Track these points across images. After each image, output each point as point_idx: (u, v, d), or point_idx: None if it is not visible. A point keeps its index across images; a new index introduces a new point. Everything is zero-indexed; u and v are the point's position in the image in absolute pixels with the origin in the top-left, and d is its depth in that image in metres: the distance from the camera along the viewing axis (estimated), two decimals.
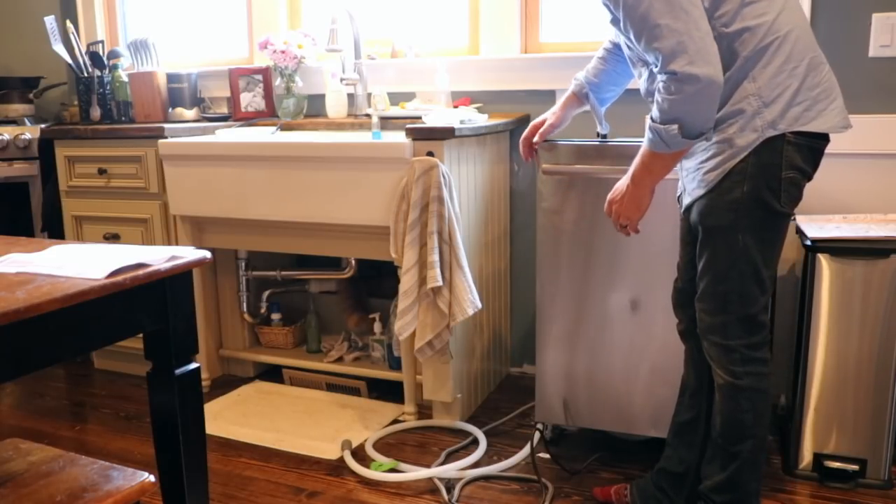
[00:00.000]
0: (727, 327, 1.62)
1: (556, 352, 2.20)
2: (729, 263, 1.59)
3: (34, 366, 1.18)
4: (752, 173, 1.53)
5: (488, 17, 2.76)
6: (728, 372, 1.64)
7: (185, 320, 1.35)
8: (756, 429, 1.65)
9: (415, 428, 2.46)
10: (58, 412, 2.70)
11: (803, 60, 1.54)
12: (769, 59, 1.52)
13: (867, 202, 2.34)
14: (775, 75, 1.52)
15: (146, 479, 1.31)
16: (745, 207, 1.55)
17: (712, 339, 1.65)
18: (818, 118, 1.54)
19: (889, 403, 1.99)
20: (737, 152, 1.53)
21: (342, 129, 2.82)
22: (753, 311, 1.61)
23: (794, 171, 1.55)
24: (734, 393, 1.64)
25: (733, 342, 1.62)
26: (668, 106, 1.48)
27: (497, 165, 2.66)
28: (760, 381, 1.63)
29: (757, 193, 1.54)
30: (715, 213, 1.58)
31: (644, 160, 1.62)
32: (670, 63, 1.45)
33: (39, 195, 3.16)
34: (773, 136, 1.52)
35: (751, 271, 1.59)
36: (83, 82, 3.14)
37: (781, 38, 1.52)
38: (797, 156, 1.54)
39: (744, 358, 1.62)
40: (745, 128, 1.53)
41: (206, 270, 2.86)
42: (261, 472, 2.21)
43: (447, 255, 2.26)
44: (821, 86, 1.56)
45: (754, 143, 1.52)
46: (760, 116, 1.52)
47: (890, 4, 2.26)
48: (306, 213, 2.45)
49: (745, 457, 1.66)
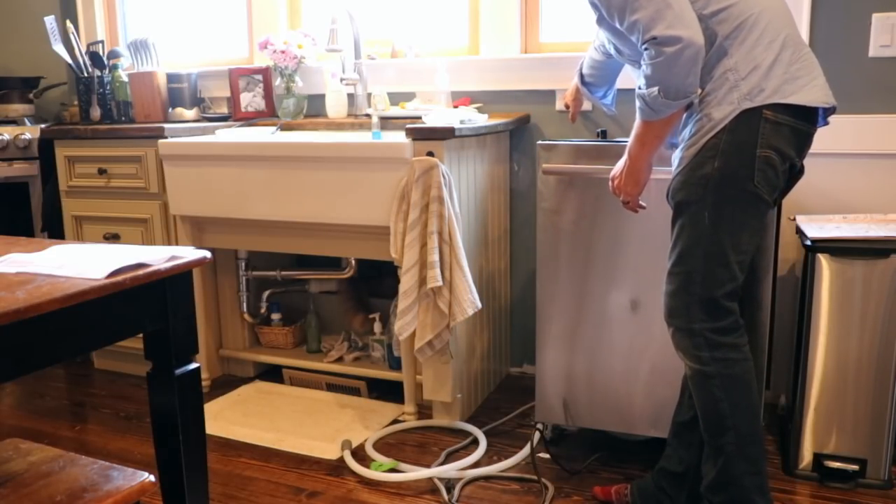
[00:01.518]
0: (689, 309, 1.59)
1: (556, 352, 2.20)
2: (694, 241, 1.57)
3: (34, 366, 1.17)
4: (725, 150, 1.53)
5: (488, 17, 2.76)
6: (694, 358, 1.61)
7: (185, 320, 1.35)
8: (736, 419, 1.61)
9: (415, 428, 2.46)
10: (58, 412, 2.70)
11: (779, 35, 1.55)
12: (745, 35, 1.54)
13: (867, 202, 2.34)
14: (751, 49, 1.54)
15: (146, 479, 1.31)
16: (715, 184, 1.54)
17: (676, 324, 1.63)
18: (798, 92, 1.54)
19: (889, 403, 1.99)
20: (713, 125, 1.54)
21: (342, 129, 2.82)
22: (717, 294, 1.58)
23: (770, 150, 1.53)
24: (703, 381, 1.61)
25: (696, 325, 1.59)
26: (650, 71, 1.52)
27: (497, 165, 2.65)
28: (730, 366, 1.60)
29: (729, 171, 1.53)
30: (685, 189, 1.58)
31: (636, 132, 1.65)
32: (651, 30, 1.49)
33: (39, 195, 3.16)
34: (750, 112, 1.52)
35: (717, 252, 1.56)
36: (83, 82, 3.14)
37: (756, 14, 1.55)
38: (775, 135, 1.53)
39: (709, 343, 1.59)
40: (722, 101, 1.54)
41: (206, 270, 2.86)
42: (261, 472, 2.21)
43: (447, 255, 2.25)
44: (800, 62, 1.56)
45: (730, 115, 1.52)
46: (737, 89, 1.53)
47: (890, 4, 2.26)
48: (306, 213, 2.45)
49: (729, 450, 1.62)
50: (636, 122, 1.65)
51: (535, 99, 2.71)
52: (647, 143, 1.66)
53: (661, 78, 1.51)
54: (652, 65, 1.51)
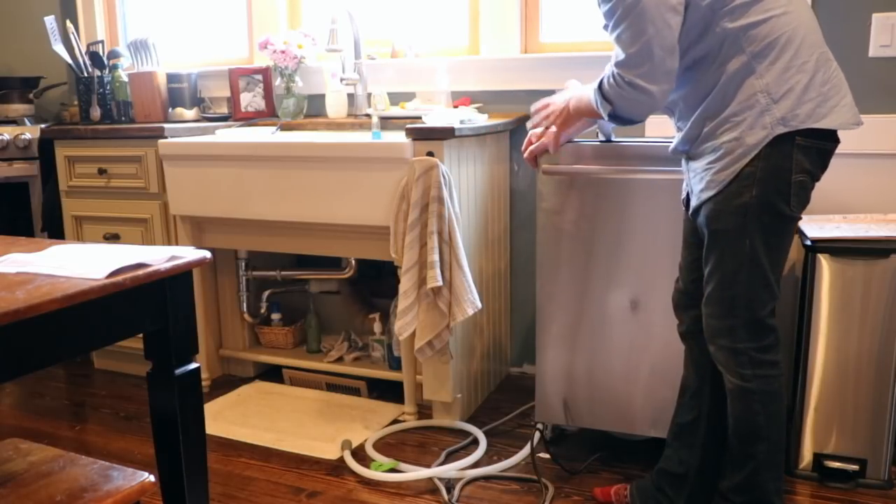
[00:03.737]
0: (735, 331, 1.60)
1: (556, 352, 2.20)
2: (736, 267, 1.57)
3: (34, 366, 1.18)
4: (762, 177, 1.51)
5: (488, 17, 2.76)
6: (737, 375, 1.62)
7: (185, 320, 1.35)
8: (770, 430, 1.64)
9: (415, 428, 2.46)
10: (58, 412, 2.70)
11: (812, 56, 1.52)
12: (777, 54, 1.50)
13: (867, 202, 2.34)
14: (784, 71, 1.50)
15: (146, 479, 1.31)
16: (754, 212, 1.53)
17: (720, 343, 1.64)
18: (830, 115, 1.52)
19: (889, 403, 1.99)
20: (747, 151, 1.52)
21: (342, 129, 2.82)
22: (761, 314, 1.59)
23: (803, 174, 1.53)
24: (744, 396, 1.63)
25: (741, 345, 1.60)
26: (611, 94, 1.60)
27: (497, 165, 2.65)
28: (770, 383, 1.62)
29: (766, 198, 1.52)
30: (723, 217, 1.56)
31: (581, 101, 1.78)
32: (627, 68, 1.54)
33: (39, 195, 3.16)
34: (783, 138, 1.50)
35: (758, 275, 1.57)
36: (83, 82, 3.13)
37: (789, 33, 1.51)
38: (806, 159, 1.52)
39: (752, 361, 1.61)
40: (754, 125, 1.51)
41: (206, 270, 2.86)
42: (261, 472, 2.21)
43: (447, 255, 2.25)
44: (830, 82, 1.54)
45: (764, 141, 1.50)
46: (769, 113, 1.50)
47: (890, 4, 2.26)
48: (306, 213, 2.45)
49: (762, 458, 1.65)
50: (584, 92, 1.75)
51: (535, 99, 2.68)
52: (587, 114, 1.82)
53: (617, 105, 1.61)
54: (614, 91, 1.59)
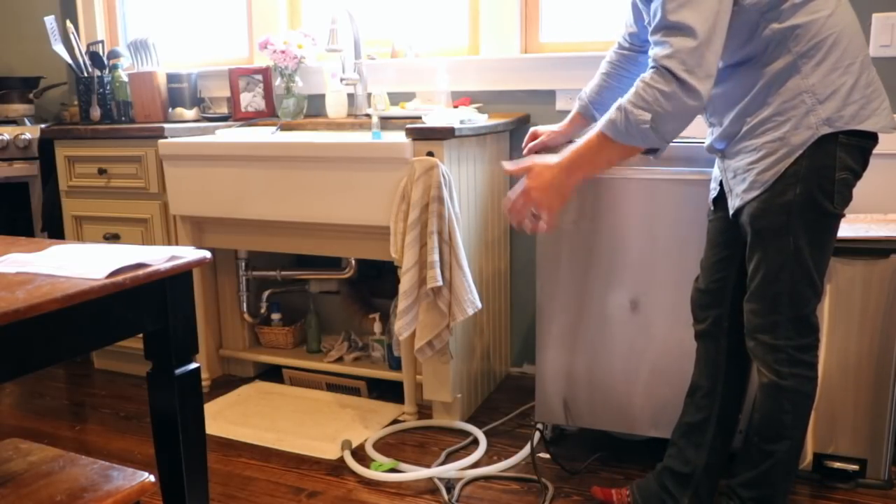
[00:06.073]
0: (777, 327, 1.60)
1: (556, 352, 2.20)
2: (780, 265, 1.58)
3: (34, 366, 1.17)
4: (805, 175, 1.52)
5: (488, 17, 2.76)
6: (773, 371, 1.62)
7: (185, 320, 1.35)
8: (794, 431, 1.65)
9: (415, 428, 2.46)
10: (58, 412, 2.70)
11: (857, 58, 1.53)
12: (823, 55, 1.51)
13: (867, 202, 2.33)
14: (829, 72, 1.51)
15: (146, 479, 1.31)
16: (798, 210, 1.53)
17: (760, 339, 1.63)
18: (872, 117, 1.54)
19: (889, 403, 1.99)
20: (791, 151, 1.52)
21: (342, 129, 2.82)
22: (805, 311, 1.60)
23: (846, 171, 1.54)
24: (777, 393, 1.63)
25: (781, 342, 1.60)
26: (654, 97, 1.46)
27: (497, 165, 2.65)
28: (805, 384, 1.62)
29: (810, 195, 1.53)
30: (767, 216, 1.56)
31: (590, 145, 1.58)
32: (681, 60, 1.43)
33: (39, 195, 3.16)
34: (827, 137, 1.51)
35: (803, 273, 1.57)
36: (83, 82, 3.13)
37: (836, 35, 1.51)
38: (848, 157, 1.53)
39: (790, 359, 1.61)
40: (799, 125, 1.52)
41: (206, 270, 2.86)
42: (261, 472, 2.21)
43: (447, 255, 2.26)
44: (872, 85, 1.56)
45: (809, 141, 1.51)
46: (814, 113, 1.51)
47: (890, 4, 2.26)
48: (306, 213, 2.45)
49: (780, 457, 1.65)
50: (593, 134, 1.57)
51: (535, 99, 2.71)
52: (596, 163, 1.61)
53: (659, 112, 1.47)
54: (660, 92, 1.46)
